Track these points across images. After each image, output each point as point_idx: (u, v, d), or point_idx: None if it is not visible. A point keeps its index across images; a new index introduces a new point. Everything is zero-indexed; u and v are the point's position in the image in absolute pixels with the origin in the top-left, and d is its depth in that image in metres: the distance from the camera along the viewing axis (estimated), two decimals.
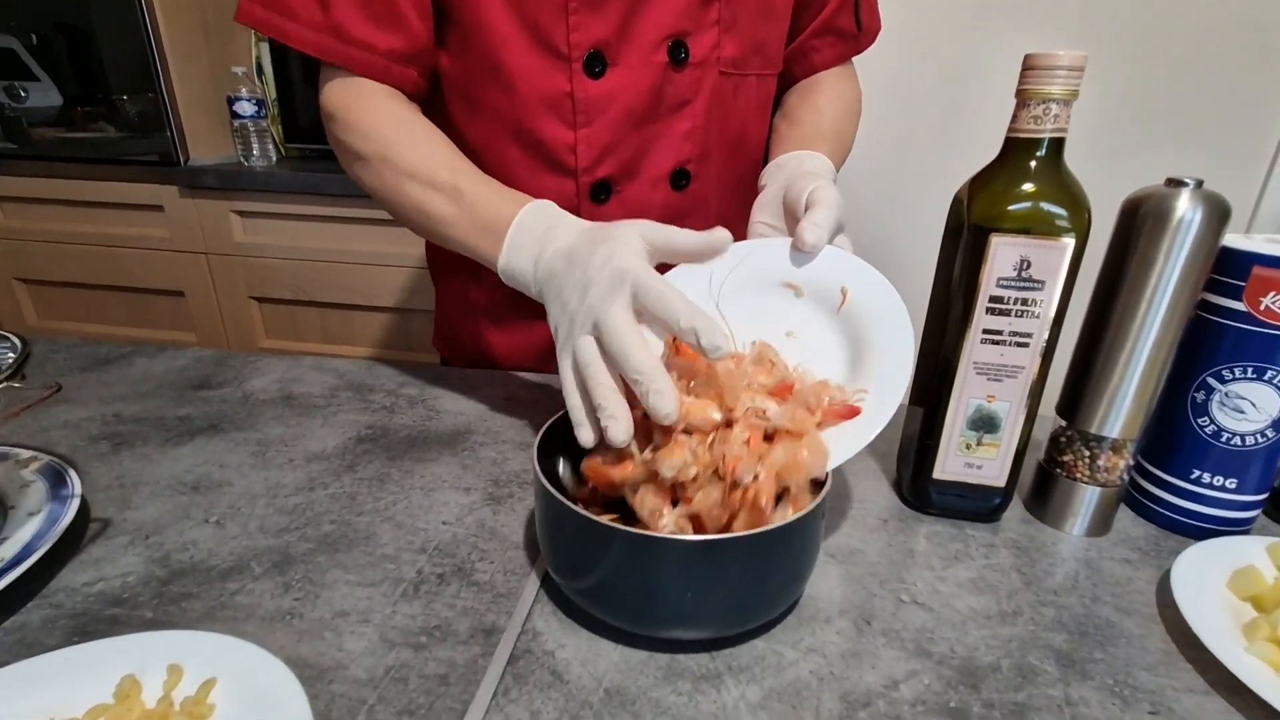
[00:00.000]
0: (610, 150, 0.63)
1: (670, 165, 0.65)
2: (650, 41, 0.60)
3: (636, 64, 0.60)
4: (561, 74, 0.60)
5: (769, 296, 0.47)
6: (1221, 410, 0.46)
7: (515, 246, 0.50)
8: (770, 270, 0.48)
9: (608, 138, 0.62)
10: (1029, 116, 0.41)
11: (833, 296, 0.47)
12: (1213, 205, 0.41)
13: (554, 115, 0.61)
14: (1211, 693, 0.36)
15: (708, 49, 0.62)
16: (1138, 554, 0.47)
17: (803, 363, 0.44)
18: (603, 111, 0.61)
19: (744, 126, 0.69)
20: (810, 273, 0.47)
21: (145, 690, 0.32)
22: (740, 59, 0.65)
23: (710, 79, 0.63)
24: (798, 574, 0.39)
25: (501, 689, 0.35)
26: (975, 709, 0.35)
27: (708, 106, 0.64)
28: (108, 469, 0.53)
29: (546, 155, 0.63)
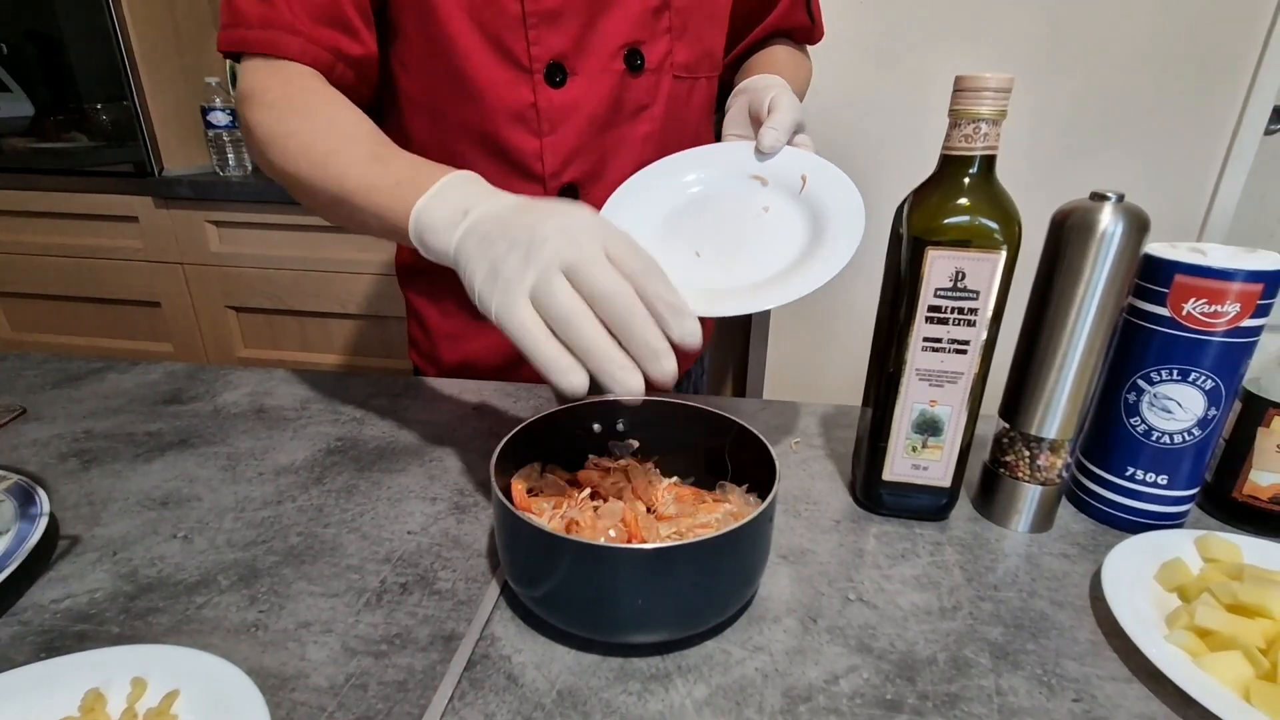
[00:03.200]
0: (575, 155, 0.65)
1: (632, 167, 0.66)
2: (608, 51, 0.63)
3: (596, 73, 0.63)
4: (525, 85, 0.62)
5: (741, 186, 0.58)
6: (1151, 410, 0.48)
7: (440, 196, 0.45)
8: (740, 166, 0.59)
9: (572, 144, 0.65)
10: (960, 135, 0.43)
11: (794, 183, 0.56)
12: (1133, 218, 0.43)
13: (520, 124, 0.64)
14: (1133, 680, 0.38)
15: (661, 55, 0.65)
16: (1076, 549, 0.49)
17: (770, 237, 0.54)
18: (566, 119, 0.64)
19: (698, 126, 0.73)
20: (773, 166, 0.58)
21: (110, 703, 0.33)
22: (691, 63, 0.68)
23: (666, 84, 0.67)
24: (747, 577, 0.41)
25: (458, 693, 0.36)
26: (910, 700, 0.36)
27: (665, 110, 0.68)
28: (77, 486, 0.53)
29: (515, 163, 0.65)
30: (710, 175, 0.59)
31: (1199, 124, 1.18)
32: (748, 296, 0.49)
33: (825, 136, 1.20)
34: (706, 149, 0.61)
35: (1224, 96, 1.16)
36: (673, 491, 0.48)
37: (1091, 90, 1.19)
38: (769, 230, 0.53)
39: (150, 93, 1.53)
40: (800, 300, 0.50)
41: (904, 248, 0.46)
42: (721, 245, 0.54)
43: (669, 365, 0.37)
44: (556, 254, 0.37)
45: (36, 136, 1.79)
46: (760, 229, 0.53)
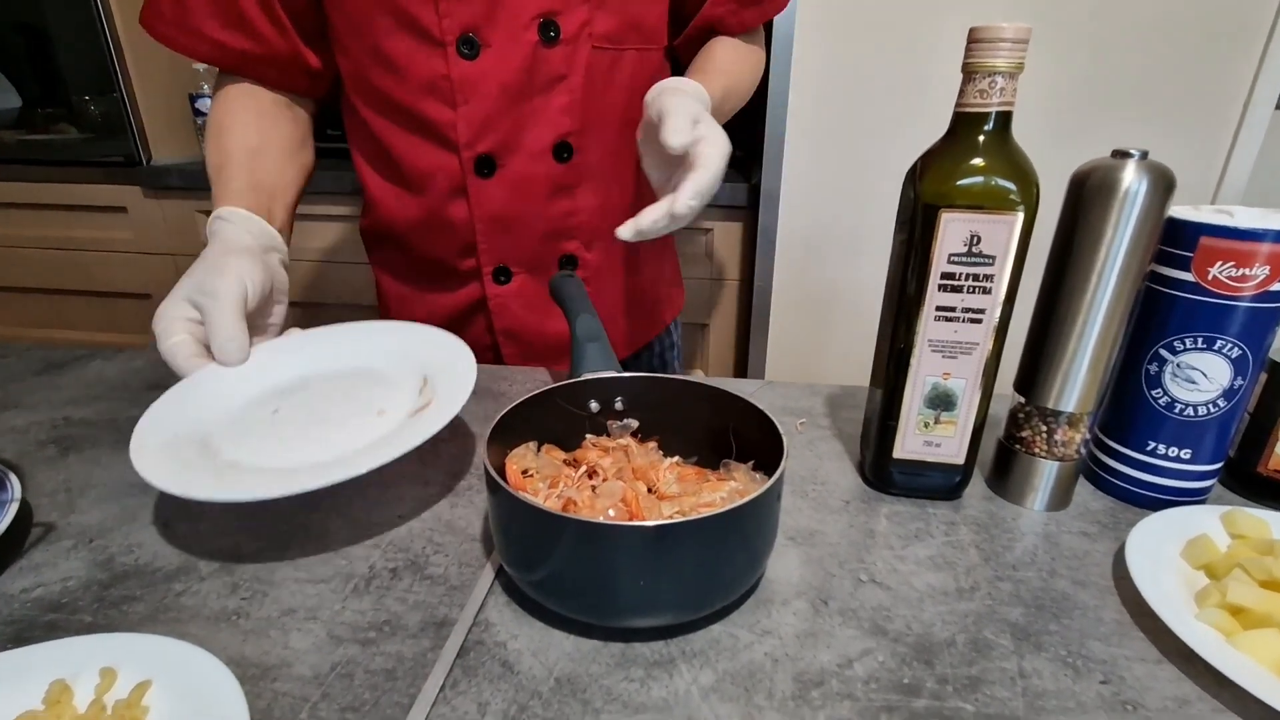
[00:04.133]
0: (489, 126, 0.66)
1: (550, 139, 0.67)
2: (520, 22, 0.63)
3: (507, 43, 0.63)
4: (438, 57, 0.63)
5: (371, 386, 0.53)
6: (1174, 381, 0.46)
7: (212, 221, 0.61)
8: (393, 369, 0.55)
9: (485, 114, 0.65)
10: (975, 90, 0.41)
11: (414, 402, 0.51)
12: (1158, 176, 0.41)
13: (434, 96, 0.65)
14: (1163, 661, 0.36)
15: (578, 26, 0.64)
16: (1096, 527, 0.47)
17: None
18: (478, 90, 0.64)
19: (629, 99, 0.70)
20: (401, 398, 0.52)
21: (77, 695, 0.31)
22: (615, 34, 0.67)
23: (584, 55, 0.66)
24: (754, 557, 0.39)
25: (450, 682, 0.34)
26: (929, 684, 0.34)
27: (584, 81, 0.66)
28: (54, 473, 0.51)
29: (432, 133, 0.67)
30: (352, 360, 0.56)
31: (1214, 86, 1.15)
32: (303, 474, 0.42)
33: (827, 107, 1.18)
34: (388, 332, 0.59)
35: (1239, 58, 1.13)
36: (674, 471, 0.46)
37: (1104, 50, 1.15)
38: (367, 429, 0.47)
39: (138, 82, 1.51)
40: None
41: (915, 214, 0.44)
42: (310, 419, 0.49)
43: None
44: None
45: (25, 129, 1.76)
46: (361, 424, 0.47)
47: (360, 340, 0.57)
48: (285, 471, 0.42)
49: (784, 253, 1.28)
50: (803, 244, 1.27)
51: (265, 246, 0.61)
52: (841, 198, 1.24)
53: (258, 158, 0.66)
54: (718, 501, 0.41)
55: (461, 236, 0.71)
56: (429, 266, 0.75)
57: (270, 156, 0.67)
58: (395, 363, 0.54)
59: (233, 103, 0.68)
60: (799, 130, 1.20)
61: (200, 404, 0.49)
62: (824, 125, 1.20)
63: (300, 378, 0.54)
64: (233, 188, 0.63)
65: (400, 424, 0.47)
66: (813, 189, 1.24)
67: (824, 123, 1.20)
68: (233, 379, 0.52)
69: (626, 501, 0.41)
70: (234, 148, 0.65)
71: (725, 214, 1.33)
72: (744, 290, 1.38)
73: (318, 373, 0.54)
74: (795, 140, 1.21)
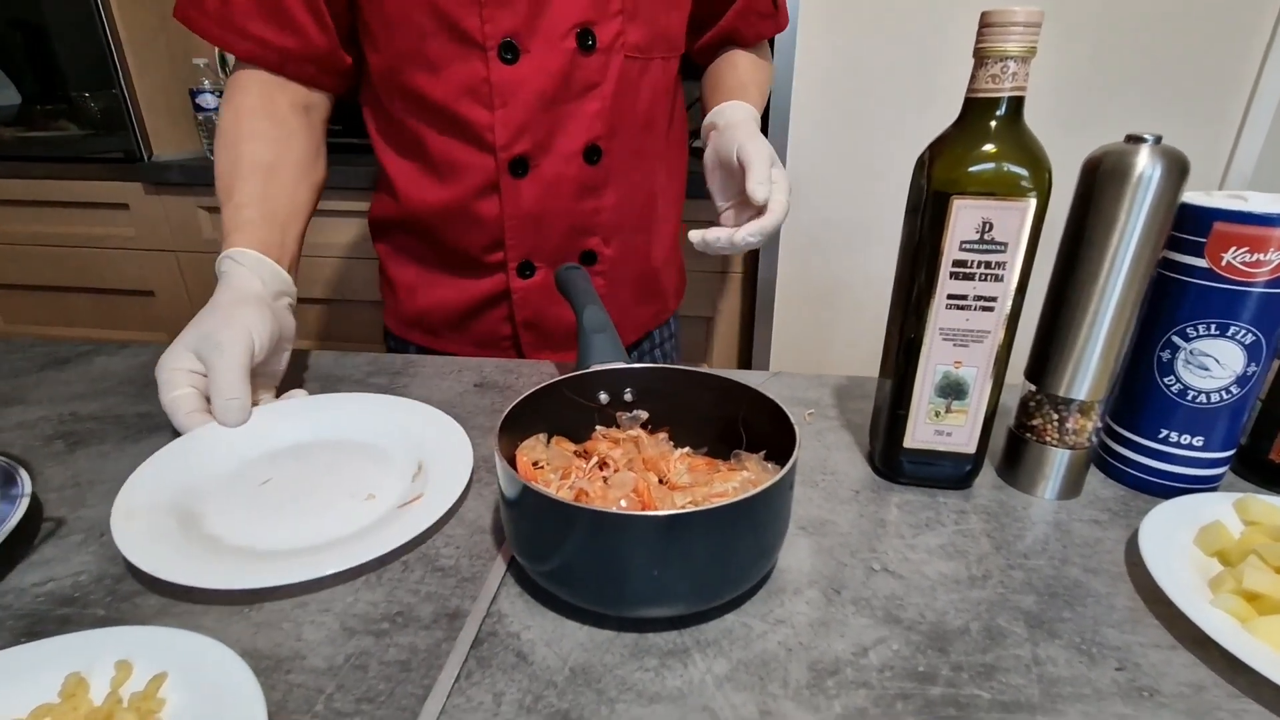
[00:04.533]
0: (525, 129, 0.67)
1: (582, 142, 0.70)
2: (559, 31, 0.65)
3: (547, 51, 0.65)
4: (478, 60, 0.64)
5: (365, 467, 0.52)
6: (1186, 368, 0.46)
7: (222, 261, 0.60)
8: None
9: (522, 118, 0.67)
10: (987, 76, 0.41)
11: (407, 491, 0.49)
12: (1172, 161, 0.40)
13: (473, 99, 0.66)
14: (1178, 647, 0.36)
15: (613, 36, 0.67)
16: (1107, 515, 0.47)
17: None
18: (516, 94, 0.66)
19: (651, 105, 0.74)
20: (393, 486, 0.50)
21: (92, 688, 0.31)
22: (645, 44, 0.70)
23: (617, 63, 0.68)
24: (767, 547, 0.39)
25: (464, 672, 0.34)
26: (943, 671, 0.34)
27: (615, 89, 0.69)
28: (62, 468, 0.51)
29: (470, 135, 0.68)
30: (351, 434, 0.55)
31: (1221, 71, 1.14)
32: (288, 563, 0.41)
33: (831, 98, 1.17)
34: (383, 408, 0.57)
35: (1247, 43, 1.12)
36: (685, 461, 0.46)
37: (1111, 35, 1.14)
38: (354, 514, 0.46)
39: (137, 78, 1.50)
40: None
41: (926, 201, 0.43)
42: (299, 494, 0.48)
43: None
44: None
45: (24, 125, 1.76)
46: (349, 508, 0.46)
47: (361, 412, 0.56)
48: (261, 555, 0.41)
49: (789, 245, 1.27)
50: (807, 236, 1.27)
51: (276, 292, 0.60)
52: (846, 189, 1.24)
53: (273, 177, 0.65)
54: (730, 491, 0.41)
55: (490, 231, 0.72)
56: (451, 255, 0.75)
57: (285, 175, 0.66)
58: (393, 441, 0.53)
59: (248, 108, 0.66)
60: (803, 122, 1.19)
61: (193, 462, 0.49)
62: (828, 116, 1.19)
63: (297, 446, 0.53)
64: (245, 217, 0.62)
65: (387, 513, 0.46)
66: (817, 181, 1.23)
67: (828, 114, 1.19)
68: (230, 439, 0.51)
69: (639, 492, 0.41)
70: (248, 163, 0.64)
71: None
72: (748, 283, 1.38)
73: (315, 442, 0.53)
74: (799, 132, 1.20)
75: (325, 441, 0.54)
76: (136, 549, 0.39)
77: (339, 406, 0.57)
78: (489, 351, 0.80)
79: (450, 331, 0.80)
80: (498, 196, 0.70)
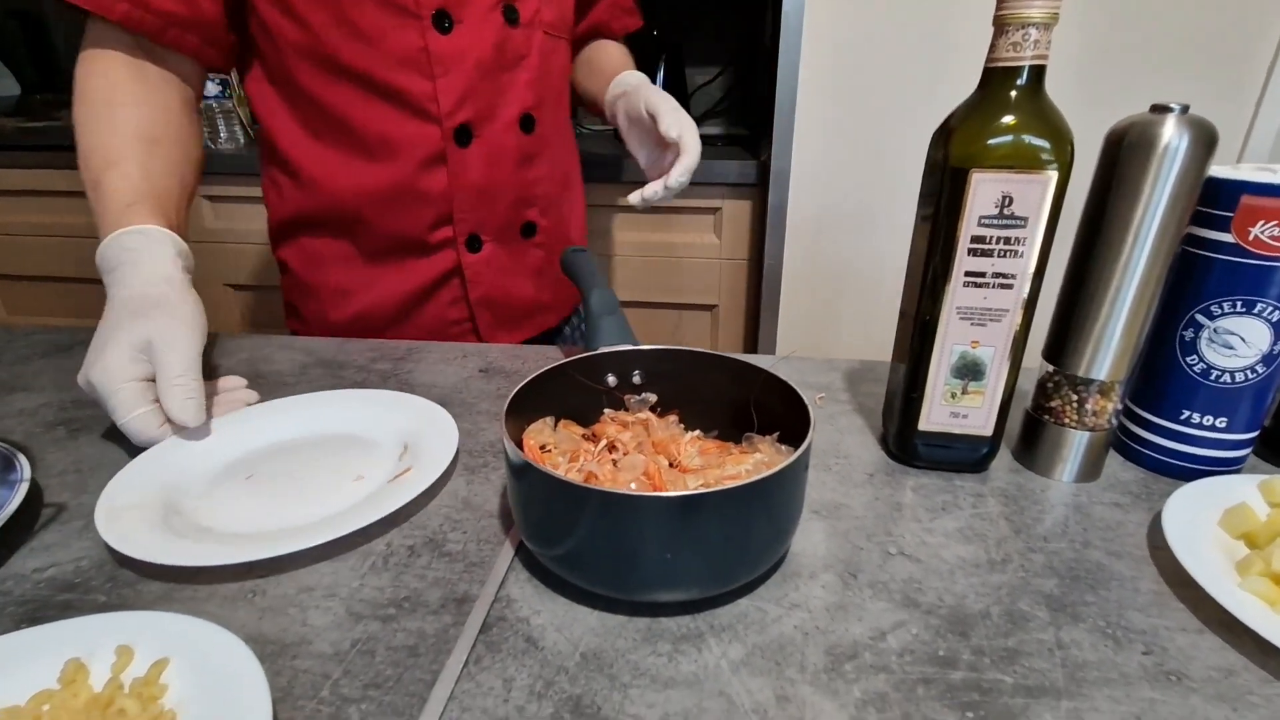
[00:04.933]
0: (467, 97, 0.69)
1: (518, 110, 0.73)
2: (486, 4, 0.68)
3: (478, 22, 0.67)
4: (414, 30, 0.65)
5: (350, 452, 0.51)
6: (1210, 347, 0.45)
7: (105, 247, 0.57)
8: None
9: (463, 86, 0.68)
10: (1008, 44, 0.39)
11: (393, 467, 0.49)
12: (1199, 131, 0.39)
13: (412, 69, 0.66)
14: (1205, 630, 0.35)
15: (532, 12, 0.71)
16: (1128, 498, 0.46)
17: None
18: (457, 62, 0.67)
19: (561, 81, 0.80)
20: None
21: (93, 674, 0.30)
22: (555, 23, 0.75)
23: (538, 38, 0.73)
24: (781, 530, 0.38)
25: (473, 657, 0.33)
26: (965, 656, 0.33)
27: (539, 62, 0.73)
28: (64, 454, 0.51)
29: (410, 105, 0.68)
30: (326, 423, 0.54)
31: (1238, 41, 1.11)
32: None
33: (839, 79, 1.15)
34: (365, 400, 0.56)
35: (1267, 10, 1.09)
36: (696, 444, 0.45)
37: (1121, 3, 1.12)
38: (344, 494, 0.45)
39: None
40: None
41: (943, 176, 0.42)
42: (286, 484, 0.47)
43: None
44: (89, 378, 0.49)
45: (23, 116, 1.75)
46: (338, 489, 0.46)
47: (340, 407, 0.55)
48: (254, 537, 0.40)
49: (794, 230, 1.26)
50: (814, 221, 1.25)
51: (188, 270, 0.58)
52: (854, 173, 1.22)
53: (156, 150, 0.60)
54: (743, 473, 0.40)
55: (437, 206, 0.72)
56: (389, 242, 0.73)
57: (168, 150, 0.61)
58: (375, 429, 0.52)
59: (122, 77, 0.60)
60: (810, 104, 1.17)
61: (171, 467, 0.47)
62: (837, 98, 1.17)
63: (276, 444, 0.51)
64: (138, 188, 0.57)
65: (379, 489, 0.45)
66: (824, 164, 1.21)
67: (837, 95, 1.17)
68: (206, 444, 0.50)
69: (649, 475, 0.40)
70: (130, 131, 0.59)
71: (733, 192, 1.31)
72: (753, 269, 1.36)
73: (295, 438, 0.52)
74: (806, 114, 1.18)
75: (306, 437, 0.52)
76: (126, 541, 0.38)
77: (315, 405, 0.56)
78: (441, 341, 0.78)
79: (394, 327, 0.77)
80: (444, 168, 0.70)
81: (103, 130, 0.59)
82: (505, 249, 0.77)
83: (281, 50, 0.66)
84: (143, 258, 0.54)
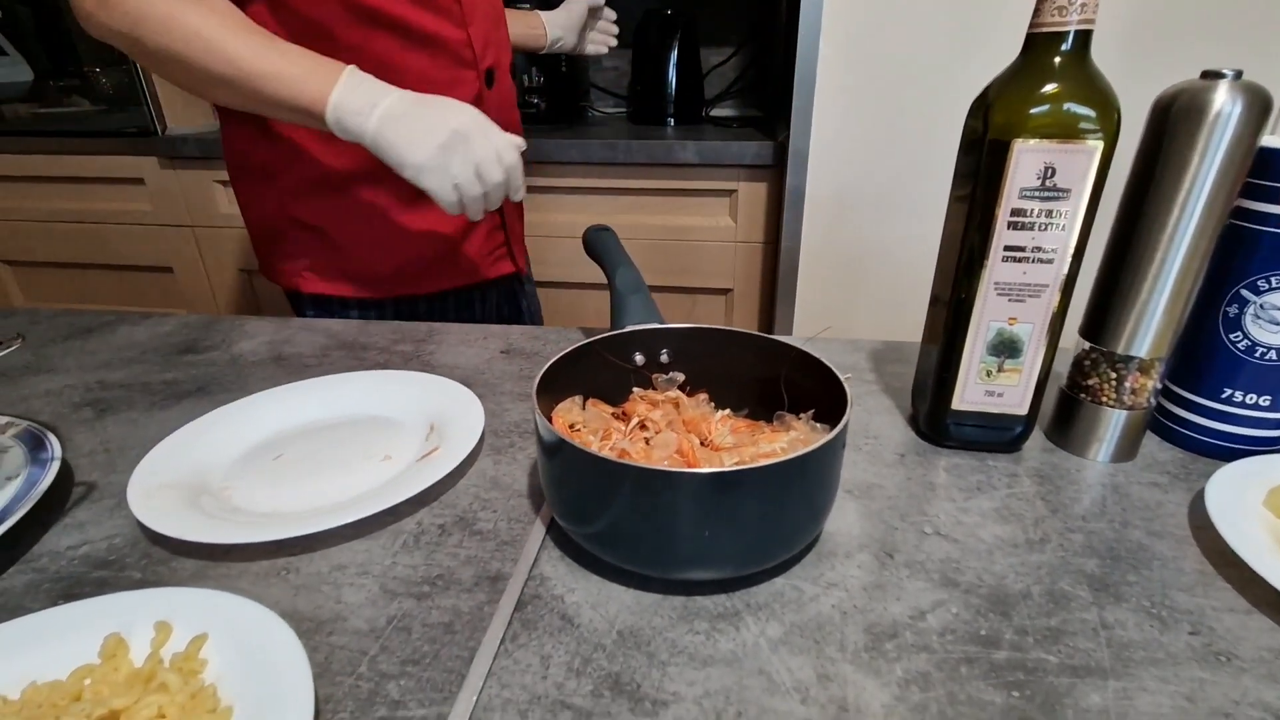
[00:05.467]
0: (489, 44, 0.76)
1: (509, 59, 0.82)
2: None
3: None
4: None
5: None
6: (1256, 324, 0.43)
7: (350, 86, 0.58)
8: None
9: (485, 33, 0.75)
10: (1053, 8, 0.38)
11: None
12: (1254, 96, 0.38)
13: (446, 18, 0.71)
14: (1254, 611, 0.34)
15: None
16: (1167, 478, 0.45)
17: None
18: (481, 12, 0.74)
19: None
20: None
21: (132, 649, 0.30)
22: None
23: None
24: (818, 508, 0.37)
25: (509, 635, 0.33)
26: (1007, 635, 0.33)
27: (504, 18, 0.82)
28: (92, 434, 0.51)
29: (450, 52, 0.72)
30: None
31: None
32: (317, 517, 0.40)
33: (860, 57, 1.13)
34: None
35: None
36: (728, 423, 0.44)
37: None
38: (372, 474, 0.46)
39: None
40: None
41: (982, 147, 0.41)
42: (315, 464, 0.47)
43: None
44: (470, 155, 0.60)
45: (37, 102, 1.75)
46: (366, 469, 0.46)
47: (365, 388, 0.55)
48: (287, 517, 0.41)
49: (813, 211, 1.24)
50: (833, 202, 1.23)
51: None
52: (875, 152, 1.20)
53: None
54: (778, 451, 0.39)
55: None
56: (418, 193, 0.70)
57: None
58: (400, 409, 0.53)
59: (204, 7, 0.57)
60: (830, 81, 1.15)
61: (199, 451, 0.47)
62: (858, 74, 1.15)
63: (303, 425, 0.52)
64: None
65: (407, 468, 0.45)
66: (844, 145, 1.19)
67: (858, 71, 1.15)
68: (236, 425, 0.50)
69: (683, 452, 0.39)
70: (251, 22, 0.59)
71: (750, 174, 1.29)
72: (769, 252, 1.35)
73: (321, 419, 0.52)
74: (826, 92, 1.16)
75: (332, 418, 0.53)
76: (161, 519, 0.38)
77: (341, 386, 0.56)
78: (476, 279, 0.84)
79: (436, 269, 0.80)
80: (482, 106, 0.70)
81: (220, 11, 0.58)
82: None
83: (324, 2, 0.65)
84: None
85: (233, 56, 0.57)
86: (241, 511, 0.42)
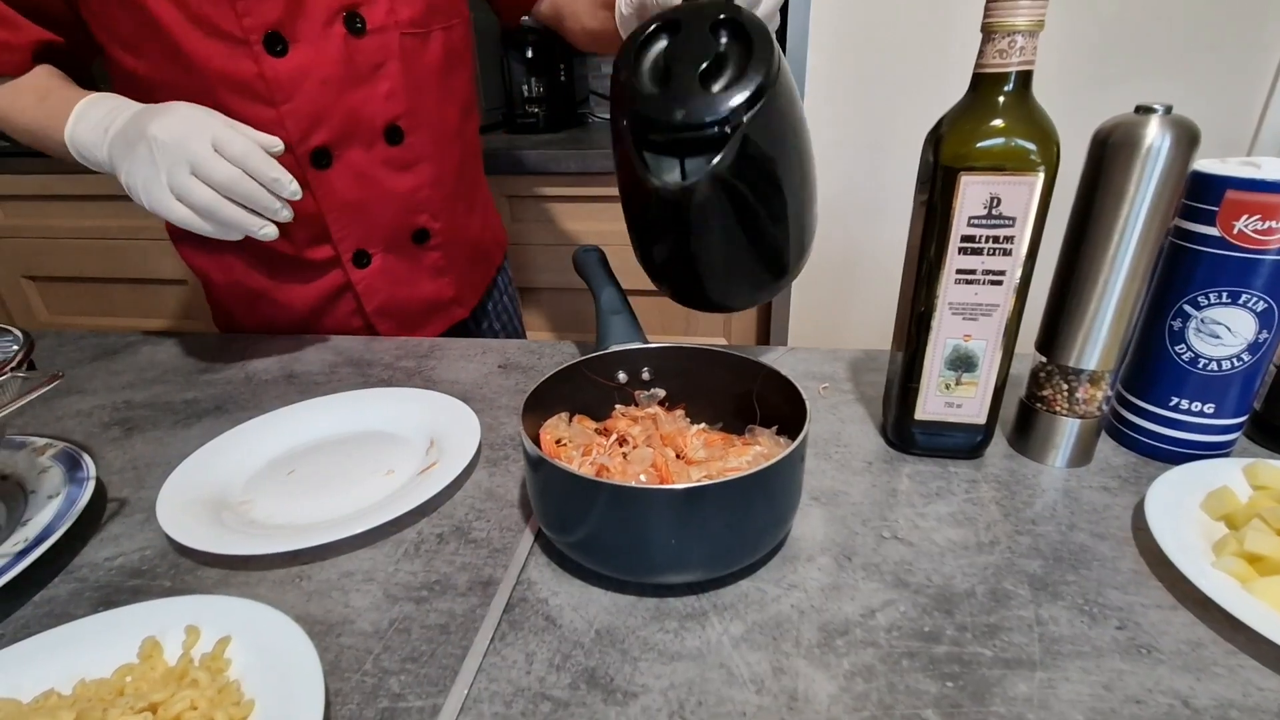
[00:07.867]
0: (319, 120, 0.66)
1: (381, 124, 0.70)
2: (322, 17, 0.63)
3: (317, 39, 0.64)
4: (245, 57, 0.62)
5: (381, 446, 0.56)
6: (1198, 336, 0.46)
7: (82, 119, 0.59)
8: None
9: (311, 109, 0.65)
10: (994, 50, 0.41)
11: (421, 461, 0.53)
12: (1181, 130, 0.40)
13: (248, 96, 0.63)
14: (1178, 607, 0.37)
15: (383, 16, 0.66)
16: (1117, 482, 0.48)
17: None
18: (298, 86, 0.64)
19: (447, 74, 0.74)
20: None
21: (166, 650, 0.34)
22: (420, 18, 0.69)
23: (395, 42, 0.67)
24: (779, 517, 0.41)
25: (498, 635, 0.37)
26: (948, 631, 0.36)
27: (401, 68, 0.68)
28: (121, 452, 0.55)
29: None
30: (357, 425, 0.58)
31: (1247, 37, 1.10)
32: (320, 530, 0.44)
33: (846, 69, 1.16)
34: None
35: (1272, 5, 1.08)
36: (701, 437, 0.48)
37: (1130, 3, 1.11)
38: (377, 487, 0.50)
39: None
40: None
41: (935, 177, 0.44)
42: (325, 478, 0.51)
43: (286, 214, 0.58)
44: (178, 157, 0.53)
45: None
46: (372, 483, 0.50)
47: (370, 405, 0.59)
48: (300, 529, 0.45)
49: None
50: (823, 208, 1.26)
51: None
52: (862, 161, 1.23)
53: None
54: (744, 465, 0.43)
55: (310, 228, 0.71)
56: (277, 260, 0.73)
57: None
58: (403, 425, 0.57)
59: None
60: (817, 92, 1.18)
61: (219, 468, 0.51)
62: (843, 87, 1.18)
63: (314, 442, 0.56)
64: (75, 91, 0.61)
65: (409, 482, 0.50)
66: (832, 152, 1.22)
67: (843, 84, 1.18)
68: (251, 444, 0.54)
69: (657, 467, 0.43)
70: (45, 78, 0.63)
71: None
72: None
73: (330, 436, 0.57)
74: (814, 103, 1.19)
75: (340, 434, 0.57)
76: (186, 533, 0.43)
77: (347, 405, 0.60)
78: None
79: (302, 330, 0.78)
80: (309, 192, 0.68)
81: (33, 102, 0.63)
82: (399, 258, 0.76)
83: (125, 82, 0.65)
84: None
85: (13, 116, 0.63)
86: (259, 524, 0.46)
